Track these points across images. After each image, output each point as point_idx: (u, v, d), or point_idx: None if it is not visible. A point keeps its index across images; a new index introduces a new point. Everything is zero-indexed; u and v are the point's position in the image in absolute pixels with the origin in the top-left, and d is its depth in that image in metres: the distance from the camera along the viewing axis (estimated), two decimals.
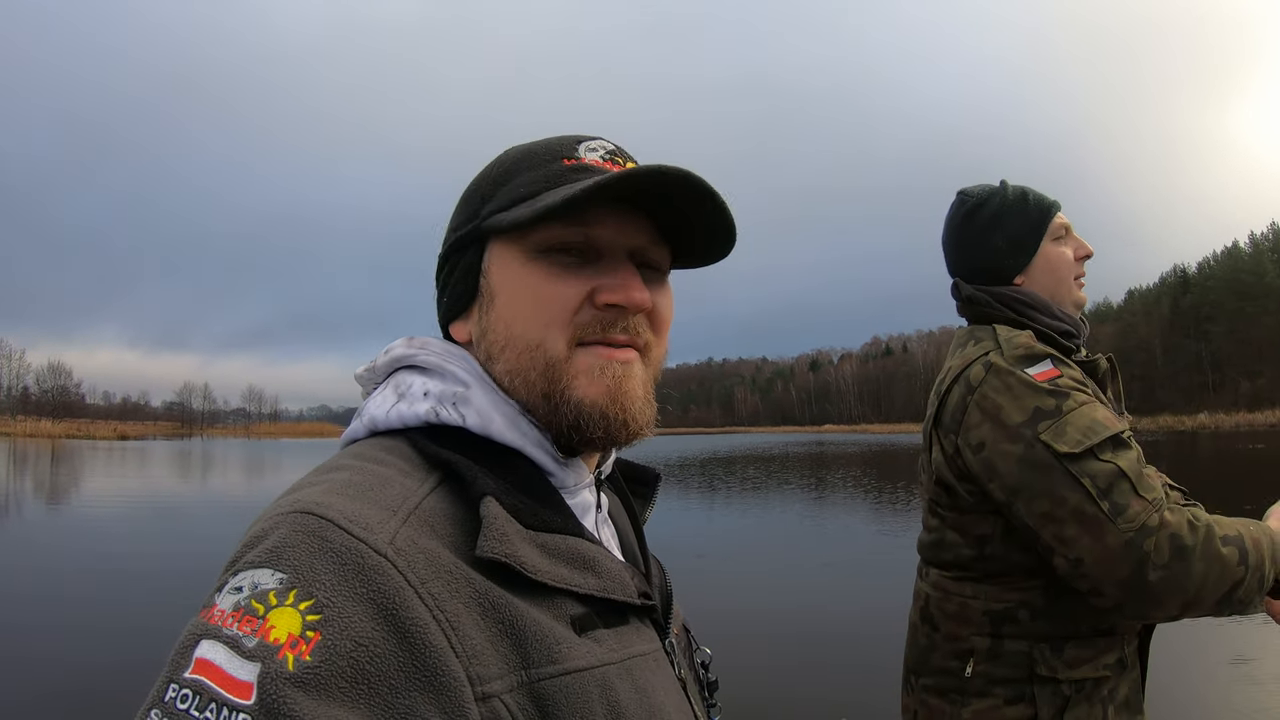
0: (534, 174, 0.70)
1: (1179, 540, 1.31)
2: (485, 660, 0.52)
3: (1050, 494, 1.38)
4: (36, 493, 21.32)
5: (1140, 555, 1.31)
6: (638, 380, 0.69)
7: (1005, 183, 1.69)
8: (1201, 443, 39.38)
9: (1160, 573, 1.30)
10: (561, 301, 0.67)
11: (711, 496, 19.21)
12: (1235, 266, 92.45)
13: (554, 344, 0.67)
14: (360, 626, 0.47)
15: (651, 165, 0.64)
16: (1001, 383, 1.49)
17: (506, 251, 0.69)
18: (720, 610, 7.21)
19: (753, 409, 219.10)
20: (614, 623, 0.63)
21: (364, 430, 0.69)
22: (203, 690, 0.44)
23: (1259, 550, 1.34)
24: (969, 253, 1.69)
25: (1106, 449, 1.37)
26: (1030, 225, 1.64)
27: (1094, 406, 1.42)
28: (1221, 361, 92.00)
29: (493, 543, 0.55)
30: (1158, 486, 1.36)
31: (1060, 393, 1.43)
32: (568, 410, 0.67)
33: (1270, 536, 1.38)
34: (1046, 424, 1.41)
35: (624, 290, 0.67)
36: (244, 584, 0.48)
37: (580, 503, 0.72)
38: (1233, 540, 1.33)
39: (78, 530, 13.51)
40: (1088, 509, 1.35)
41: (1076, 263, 1.66)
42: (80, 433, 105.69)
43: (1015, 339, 1.55)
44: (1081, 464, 1.37)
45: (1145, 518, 1.32)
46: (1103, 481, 1.35)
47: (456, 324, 0.74)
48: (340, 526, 0.51)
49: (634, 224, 0.70)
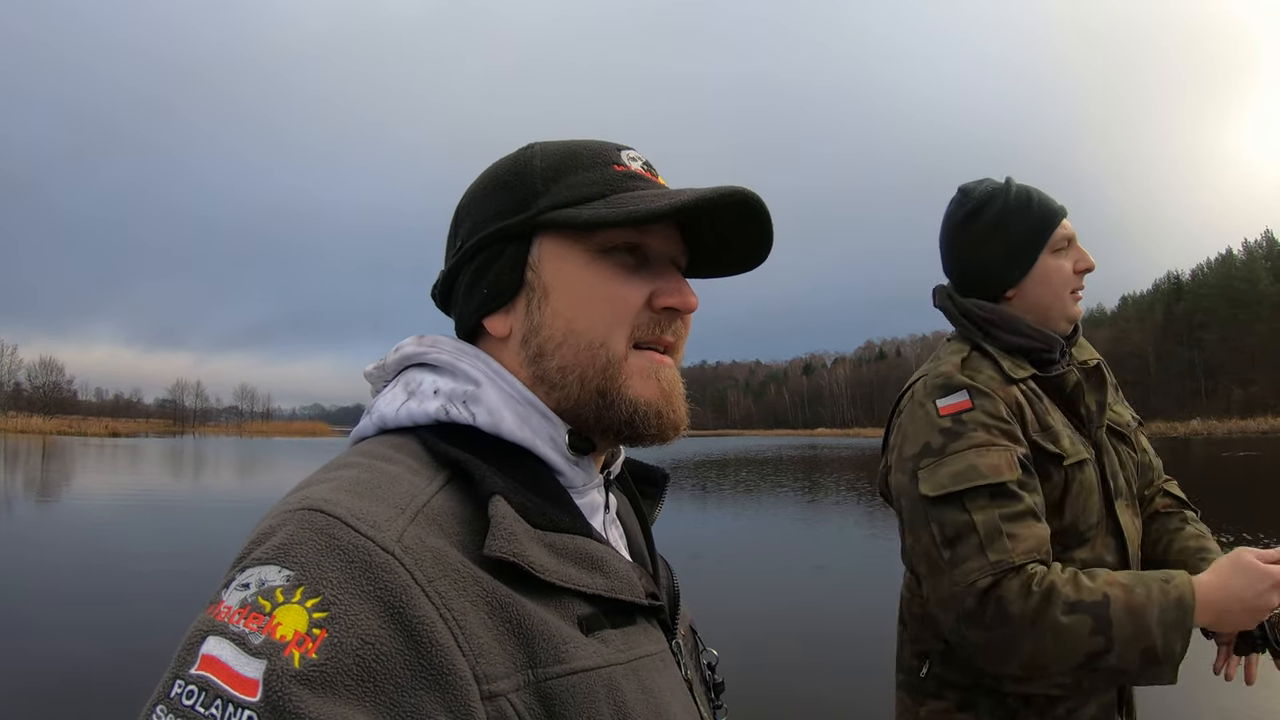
0: (591, 175, 0.71)
1: (1004, 605, 1.27)
2: (492, 659, 0.52)
3: (914, 530, 1.41)
4: (24, 488, 21.20)
5: (962, 611, 1.30)
6: (680, 383, 0.73)
7: (1010, 181, 1.60)
8: (1194, 449, 39.52)
9: (984, 634, 1.29)
10: (626, 303, 0.69)
11: (704, 499, 19.23)
12: (1229, 274, 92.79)
13: (617, 343, 0.68)
14: (367, 624, 0.47)
15: (739, 192, 0.66)
16: (914, 410, 1.49)
17: (564, 248, 0.70)
18: (716, 610, 7.19)
19: (746, 412, 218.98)
20: (621, 623, 0.63)
21: (373, 428, 0.69)
22: (208, 687, 0.44)
23: (1138, 619, 1.22)
24: (963, 260, 1.63)
25: (977, 497, 1.33)
26: (1031, 236, 1.55)
27: (982, 451, 1.37)
28: (1214, 368, 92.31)
29: (500, 542, 0.55)
30: (1013, 549, 1.29)
31: (953, 431, 1.40)
32: (624, 406, 0.68)
33: (1177, 598, 1.23)
34: (927, 461, 1.40)
35: (680, 295, 0.71)
36: (251, 580, 0.48)
37: (589, 502, 0.72)
38: (1086, 608, 1.24)
39: (64, 524, 13.43)
40: (933, 554, 1.36)
41: (1075, 276, 1.57)
42: (71, 429, 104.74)
43: (940, 366, 1.52)
44: (938, 509, 1.36)
45: (976, 577, 1.29)
46: (950, 530, 1.34)
47: (495, 317, 0.72)
48: (348, 524, 0.51)
49: (675, 233, 0.74)
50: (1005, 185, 1.59)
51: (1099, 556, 1.46)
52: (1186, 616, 1.22)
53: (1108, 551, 1.48)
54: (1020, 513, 1.33)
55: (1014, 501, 1.33)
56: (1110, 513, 1.50)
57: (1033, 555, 1.30)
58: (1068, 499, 1.44)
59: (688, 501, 18.02)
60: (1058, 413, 1.51)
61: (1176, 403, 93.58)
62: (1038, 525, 1.34)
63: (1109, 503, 1.50)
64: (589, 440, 0.70)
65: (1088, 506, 1.45)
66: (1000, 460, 1.36)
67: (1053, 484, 1.43)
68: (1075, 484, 1.44)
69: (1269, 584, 1.25)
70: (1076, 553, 1.44)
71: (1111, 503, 1.50)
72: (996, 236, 1.55)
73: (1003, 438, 1.39)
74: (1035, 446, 1.43)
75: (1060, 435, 1.46)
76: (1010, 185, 1.59)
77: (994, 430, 1.40)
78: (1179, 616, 1.22)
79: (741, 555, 10.90)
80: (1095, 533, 1.47)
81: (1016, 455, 1.38)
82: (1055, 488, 1.43)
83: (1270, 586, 1.25)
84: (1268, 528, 10.09)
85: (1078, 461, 1.45)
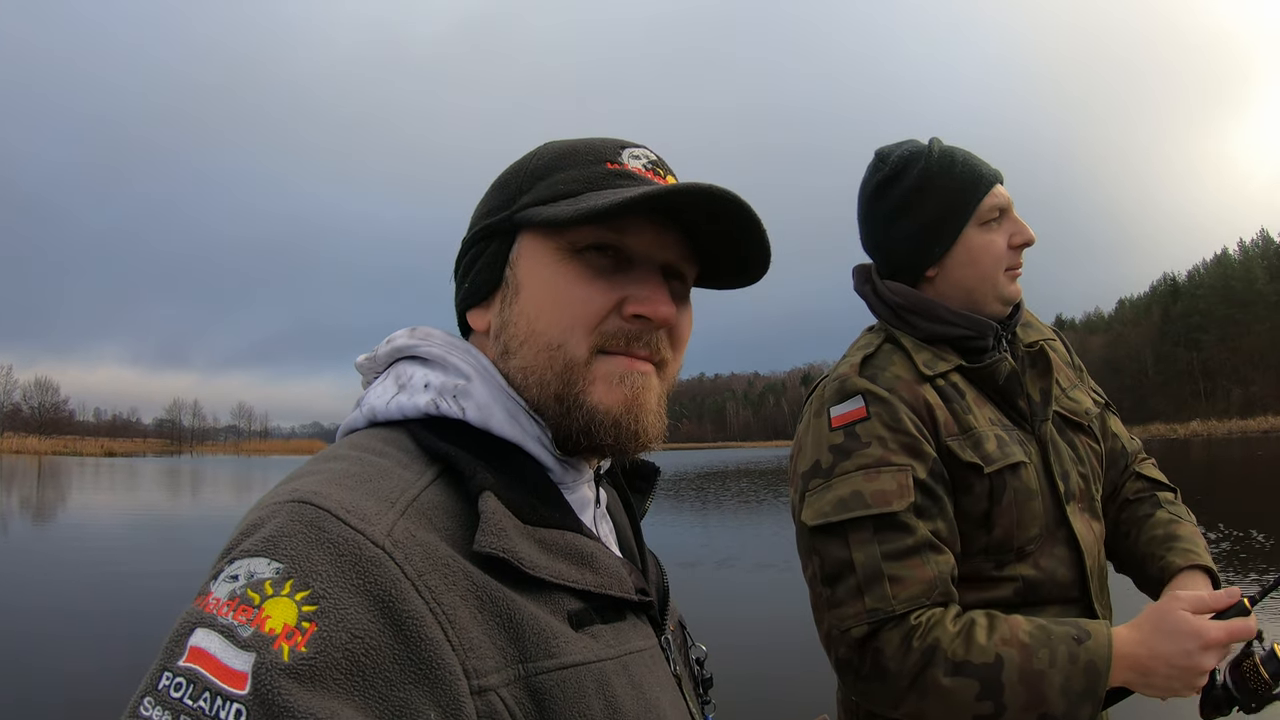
0: (576, 172, 0.69)
1: (881, 660, 1.15)
2: (482, 654, 0.51)
3: (801, 555, 1.29)
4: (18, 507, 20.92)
5: (839, 657, 1.20)
6: (653, 393, 0.69)
7: (934, 142, 1.36)
8: (1194, 450, 39.29)
9: (860, 684, 1.19)
10: (589, 305, 0.66)
11: (705, 512, 18.94)
12: (1225, 274, 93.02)
13: (575, 347, 0.66)
14: (356, 618, 0.47)
15: (702, 185, 0.63)
16: (810, 419, 1.34)
17: (538, 246, 0.68)
18: (714, 613, 6.97)
19: (744, 423, 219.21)
20: (611, 618, 0.62)
21: (363, 420, 0.68)
22: (197, 679, 0.44)
23: (1034, 687, 1.07)
24: (877, 236, 1.41)
25: (860, 530, 1.19)
26: (953, 207, 1.32)
27: (871, 475, 1.21)
28: (1213, 369, 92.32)
29: (490, 538, 0.55)
30: (894, 595, 1.15)
31: (842, 449, 1.25)
32: (580, 415, 0.66)
33: (1086, 664, 1.08)
34: (815, 483, 1.26)
35: (651, 303, 0.67)
36: (240, 572, 0.48)
37: (579, 498, 0.71)
38: (972, 671, 1.09)
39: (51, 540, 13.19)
40: (815, 587, 1.25)
41: (1011, 251, 1.34)
42: (67, 449, 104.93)
43: (839, 366, 1.37)
44: (820, 539, 1.23)
45: (851, 624, 1.17)
46: (830, 567, 1.21)
47: (475, 311, 0.73)
48: (338, 517, 0.51)
49: (668, 238, 0.69)
50: (927, 147, 1.35)
51: (1048, 572, 1.26)
52: (1097, 683, 1.07)
53: (1059, 565, 1.27)
54: (909, 548, 1.17)
55: (902, 535, 1.18)
56: (1061, 520, 1.29)
57: (919, 601, 1.15)
58: (996, 510, 1.24)
59: (688, 513, 17.64)
60: (989, 408, 1.32)
61: (1175, 405, 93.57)
62: (933, 560, 1.17)
63: (1059, 508, 1.29)
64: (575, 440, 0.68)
65: (1026, 516, 1.25)
66: (890, 485, 1.20)
67: (976, 495, 1.24)
68: (1006, 492, 1.24)
69: (1198, 644, 1.07)
70: (1015, 568, 1.25)
71: (1062, 508, 1.29)
72: (913, 208, 1.34)
73: (901, 453, 1.22)
74: (949, 454, 1.24)
75: (984, 438, 1.26)
76: (934, 146, 1.35)
77: (890, 445, 1.23)
78: (1087, 684, 1.07)
79: (740, 560, 10.65)
80: (1039, 545, 1.27)
81: (914, 475, 1.21)
82: (979, 499, 1.24)
83: (1200, 647, 1.07)
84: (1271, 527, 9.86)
85: (1008, 465, 1.25)
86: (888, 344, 1.36)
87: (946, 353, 1.34)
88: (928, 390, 1.29)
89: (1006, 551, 1.26)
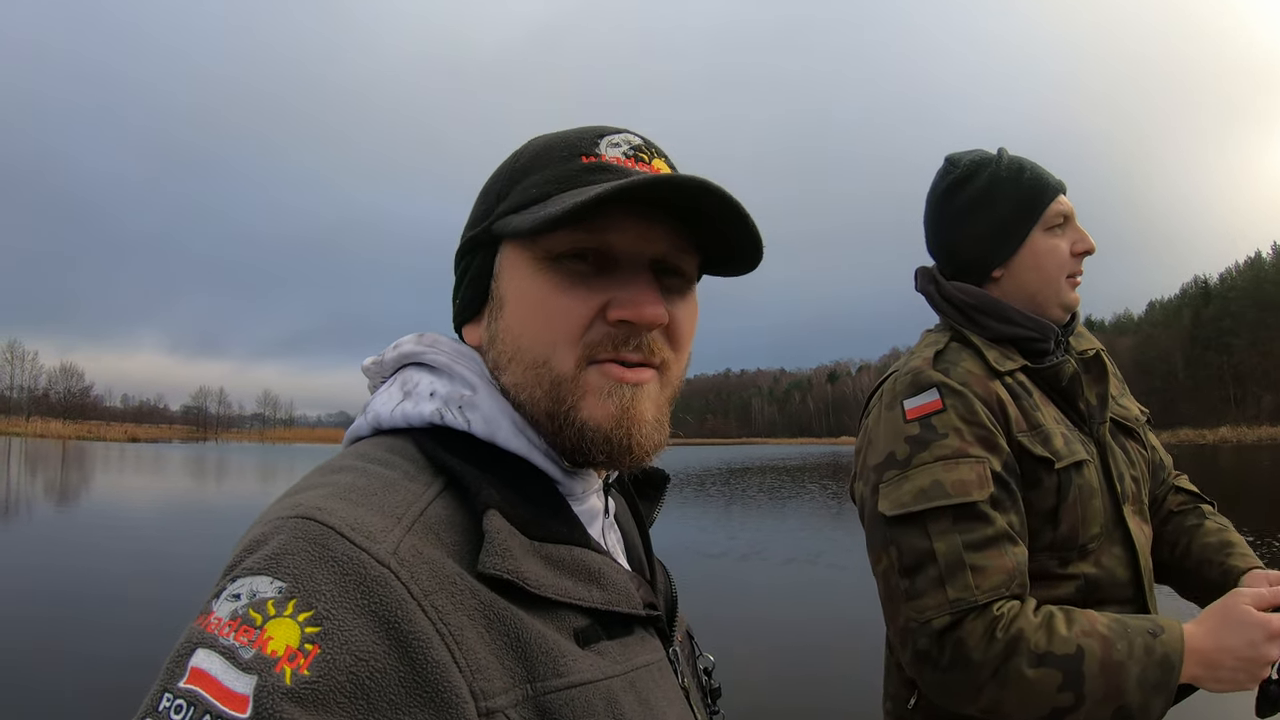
0: (548, 173, 0.66)
1: (964, 650, 1.14)
2: (489, 674, 0.50)
3: (874, 550, 1.29)
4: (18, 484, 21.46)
5: (918, 649, 1.19)
6: (649, 403, 0.65)
7: (1003, 151, 1.43)
8: (1223, 457, 38.76)
9: (939, 676, 1.18)
10: (570, 316, 0.63)
11: (728, 508, 19.07)
12: (1258, 277, 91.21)
13: (561, 362, 0.63)
14: (361, 640, 0.46)
15: (664, 175, 0.59)
16: (880, 413, 1.35)
17: (517, 256, 0.66)
18: (730, 617, 7.13)
19: (770, 420, 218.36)
20: (618, 634, 0.61)
21: (368, 428, 0.68)
22: (197, 701, 0.43)
23: (1113, 678, 1.09)
24: (945, 236, 1.47)
25: (940, 520, 1.19)
26: (1021, 209, 1.38)
27: (950, 465, 1.22)
28: (1243, 374, 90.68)
29: (495, 559, 0.54)
30: (977, 585, 1.16)
31: (920, 440, 1.26)
32: (571, 431, 0.63)
33: (1162, 657, 1.10)
34: (890, 474, 1.27)
35: (635, 306, 0.63)
36: (242, 591, 0.47)
37: (588, 509, 0.70)
38: (1055, 662, 1.11)
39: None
40: (890, 580, 1.24)
41: (1073, 259, 1.40)
42: (91, 434, 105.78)
43: (911, 360, 1.38)
44: (897, 530, 1.23)
45: (933, 615, 1.17)
46: (909, 558, 1.21)
47: (469, 327, 0.72)
48: (342, 534, 0.50)
49: (657, 229, 0.65)
50: (996, 155, 1.43)
51: (1108, 571, 1.30)
52: (1170, 676, 1.10)
53: (1117, 565, 1.31)
54: (989, 538, 1.19)
55: (982, 525, 1.19)
56: (1119, 520, 1.33)
57: (999, 591, 1.16)
58: (1063, 506, 1.28)
59: (713, 509, 17.77)
60: (1052, 409, 1.36)
61: (1204, 409, 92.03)
62: (1011, 551, 1.19)
63: (1116, 508, 1.34)
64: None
65: (1089, 514, 1.29)
66: (969, 475, 1.21)
67: (1044, 490, 1.27)
68: (1072, 489, 1.28)
69: (1263, 634, 1.11)
70: (1078, 566, 1.29)
71: (1119, 508, 1.34)
72: (983, 209, 1.40)
73: (977, 445, 1.24)
74: (1021, 449, 1.28)
75: (1052, 435, 1.30)
76: (1002, 155, 1.43)
77: (967, 437, 1.25)
78: (1161, 677, 1.10)
79: (761, 558, 10.78)
80: (1099, 544, 1.30)
81: (990, 468, 1.23)
82: (1048, 495, 1.28)
83: (1266, 637, 1.11)
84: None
85: (1074, 463, 1.29)
86: (955, 342, 1.40)
87: (1011, 353, 1.38)
88: (998, 386, 1.32)
89: (1070, 549, 1.28)
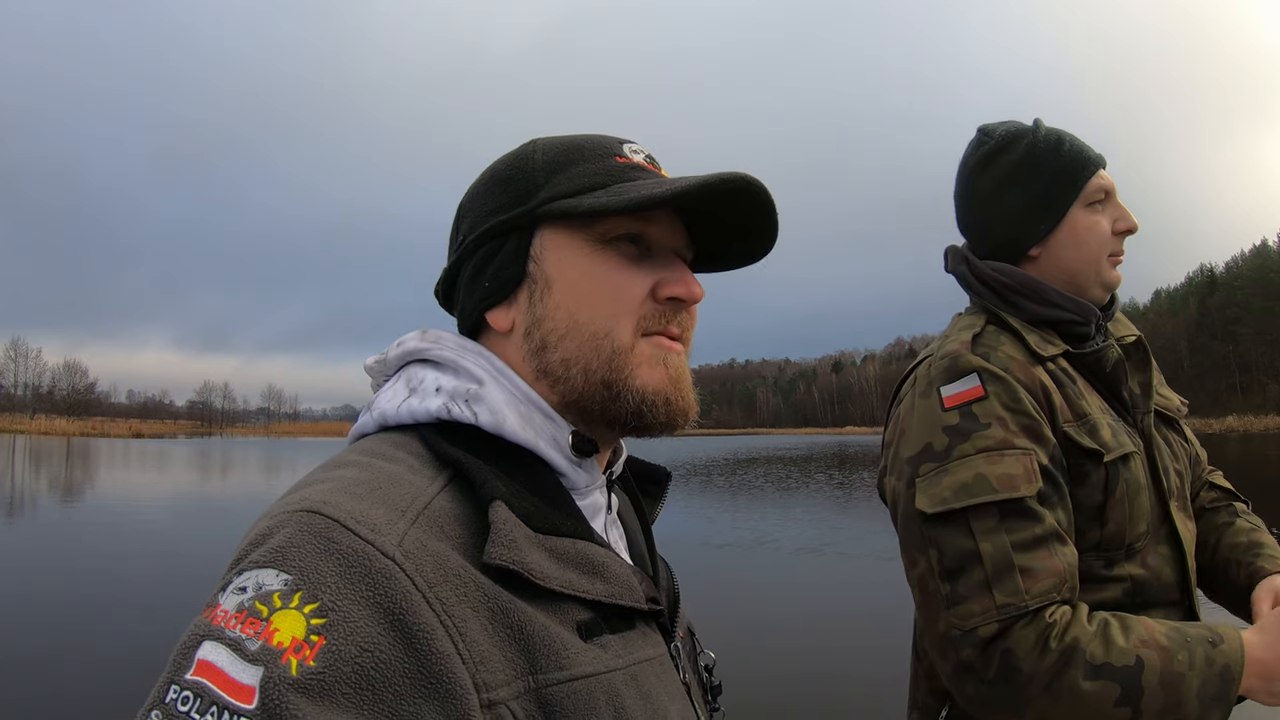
0: (593, 166, 0.70)
1: (1012, 660, 1.04)
2: (492, 666, 0.51)
3: (909, 551, 1.18)
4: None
5: (960, 660, 1.08)
6: (687, 370, 0.72)
7: (1039, 122, 1.32)
8: (1230, 446, 38.55)
9: (983, 689, 1.07)
10: (629, 292, 0.68)
11: (734, 498, 19.01)
12: (1264, 266, 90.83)
13: (622, 333, 0.68)
14: (366, 632, 0.47)
15: (737, 176, 0.65)
16: (914, 400, 1.24)
17: (565, 238, 0.69)
18: (733, 614, 7.07)
19: (774, 410, 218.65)
20: (620, 628, 0.62)
21: (373, 425, 0.68)
22: (204, 693, 0.44)
23: (1173, 691, 1.00)
24: (978, 212, 1.35)
25: (985, 517, 1.09)
26: (1060, 184, 1.27)
27: (994, 457, 1.12)
28: (1250, 363, 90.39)
29: (500, 549, 0.55)
30: (1027, 589, 1.05)
31: (960, 430, 1.15)
32: (631, 397, 0.67)
33: (1223, 668, 1.02)
34: (927, 467, 1.16)
35: (685, 285, 0.70)
36: (248, 584, 0.48)
37: (591, 504, 0.71)
38: (1113, 674, 1.01)
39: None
40: (929, 583, 1.13)
41: (1114, 237, 1.29)
42: (95, 431, 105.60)
43: (947, 344, 1.26)
44: (937, 529, 1.12)
45: (979, 623, 1.06)
46: (951, 560, 1.10)
47: (497, 310, 0.72)
48: (347, 527, 0.51)
49: (678, 226, 0.73)
50: (1033, 125, 1.33)
51: (1155, 572, 1.20)
52: (1230, 689, 1.02)
53: (1164, 565, 1.21)
54: (1039, 538, 1.08)
55: (1032, 523, 1.09)
56: (1165, 517, 1.23)
57: (1050, 596, 1.06)
58: (1111, 502, 1.17)
59: (716, 502, 17.71)
60: (1095, 397, 1.25)
61: (1211, 399, 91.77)
62: (1061, 552, 1.09)
63: (1163, 504, 1.23)
64: (592, 442, 0.69)
65: (1136, 511, 1.19)
66: (1016, 469, 1.11)
67: (1091, 485, 1.17)
68: (1119, 484, 1.18)
69: None
70: (1125, 567, 1.19)
71: (1165, 504, 1.24)
72: (1019, 183, 1.29)
73: (1023, 435, 1.14)
74: (1067, 440, 1.18)
75: (1099, 425, 1.20)
76: (1039, 125, 1.32)
77: (1011, 426, 1.14)
78: (1221, 690, 1.01)
79: (765, 550, 10.70)
80: (1146, 542, 1.20)
81: (1038, 460, 1.13)
82: (1095, 490, 1.17)
83: None
84: None
85: (1122, 456, 1.19)
86: (992, 324, 1.29)
87: (1051, 336, 1.28)
88: (1041, 373, 1.22)
89: (1117, 549, 1.19)
